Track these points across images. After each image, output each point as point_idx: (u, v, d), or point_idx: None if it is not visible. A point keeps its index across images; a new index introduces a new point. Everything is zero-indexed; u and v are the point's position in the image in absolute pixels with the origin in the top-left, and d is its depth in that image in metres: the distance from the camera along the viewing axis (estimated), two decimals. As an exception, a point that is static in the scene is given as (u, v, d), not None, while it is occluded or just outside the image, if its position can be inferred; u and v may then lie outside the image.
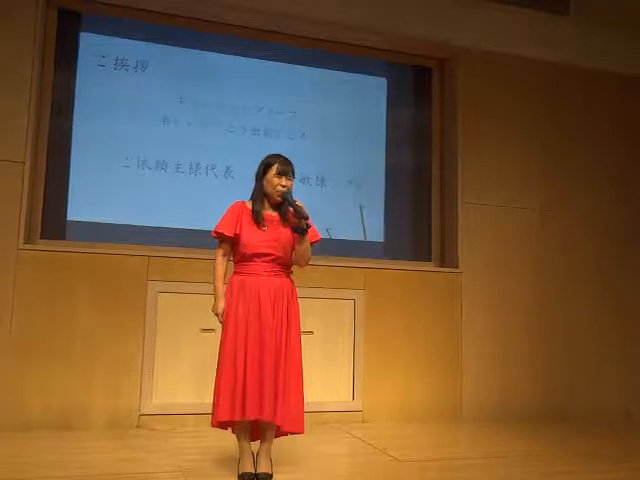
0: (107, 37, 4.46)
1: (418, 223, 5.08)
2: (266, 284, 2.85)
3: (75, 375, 3.87)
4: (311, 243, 2.95)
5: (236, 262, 2.96)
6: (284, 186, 2.88)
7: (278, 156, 2.95)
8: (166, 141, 4.50)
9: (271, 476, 2.83)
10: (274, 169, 2.90)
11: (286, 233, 2.91)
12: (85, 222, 4.27)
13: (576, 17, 5.22)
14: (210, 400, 2.86)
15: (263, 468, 2.83)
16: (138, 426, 3.93)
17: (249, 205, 2.94)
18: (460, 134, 4.91)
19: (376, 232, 4.97)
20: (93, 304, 3.96)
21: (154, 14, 4.50)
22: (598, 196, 5.19)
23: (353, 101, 4.98)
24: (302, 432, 2.85)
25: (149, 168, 4.45)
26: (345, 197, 4.89)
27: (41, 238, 4.14)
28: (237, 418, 2.74)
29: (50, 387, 3.83)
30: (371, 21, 4.75)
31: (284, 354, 2.81)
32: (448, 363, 4.65)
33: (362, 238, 4.91)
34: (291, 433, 2.87)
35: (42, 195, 4.18)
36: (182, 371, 4.06)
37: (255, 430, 2.90)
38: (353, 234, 4.88)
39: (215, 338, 4.11)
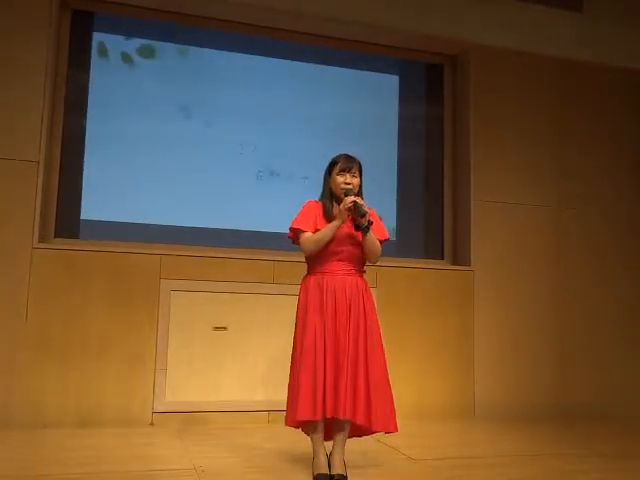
0: (120, 36, 4.48)
1: (430, 221, 5.07)
2: (342, 283, 2.83)
3: (89, 373, 3.90)
4: (380, 242, 2.92)
5: (310, 262, 2.93)
6: (348, 183, 2.85)
7: (343, 154, 2.93)
8: (179, 139, 4.51)
9: (346, 477, 2.77)
10: (337, 167, 2.88)
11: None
12: (98, 221, 4.30)
13: (589, 14, 5.17)
14: (224, 398, 2.87)
15: (338, 469, 2.78)
16: (152, 423, 3.95)
17: (321, 204, 2.92)
18: (472, 131, 4.88)
19: (388, 230, 4.93)
20: (107, 303, 3.99)
21: (167, 13, 4.51)
22: (616, 190, 5.15)
23: (365, 98, 4.97)
24: (396, 430, 2.81)
25: (162, 166, 4.46)
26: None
27: (55, 237, 4.17)
28: (318, 417, 2.70)
29: (65, 385, 3.86)
30: (382, 18, 4.73)
31: (363, 353, 2.76)
32: (461, 361, 4.64)
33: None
34: (386, 432, 2.82)
35: (56, 194, 4.21)
36: (195, 369, 4.08)
37: (327, 431, 2.86)
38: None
39: (227, 336, 4.16)
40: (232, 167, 4.61)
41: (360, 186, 2.95)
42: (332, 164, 2.93)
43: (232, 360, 4.14)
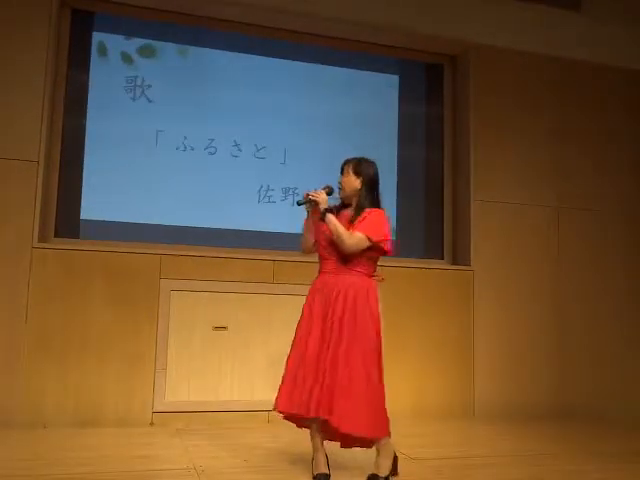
0: (120, 36, 4.48)
1: (430, 221, 5.07)
2: (337, 282, 2.84)
3: (89, 373, 3.90)
4: (378, 242, 2.84)
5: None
6: (340, 183, 2.99)
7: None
8: (179, 139, 4.51)
9: (329, 476, 2.81)
10: None
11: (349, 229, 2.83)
12: (98, 221, 4.29)
13: (587, 13, 5.17)
14: (223, 398, 2.87)
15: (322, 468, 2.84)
16: (151, 423, 3.95)
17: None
18: (472, 131, 4.89)
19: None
20: (107, 302, 3.99)
21: (167, 13, 4.51)
22: (616, 190, 5.15)
23: (365, 98, 4.97)
24: (363, 434, 2.76)
25: (162, 166, 4.46)
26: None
27: (55, 236, 4.17)
28: (294, 411, 2.76)
29: (64, 385, 3.86)
30: (382, 18, 4.73)
31: (344, 355, 2.72)
32: (461, 361, 4.64)
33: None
34: (352, 434, 2.76)
35: (56, 194, 4.21)
36: (195, 369, 4.08)
37: (329, 431, 2.85)
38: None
39: (227, 336, 4.17)
40: (231, 166, 4.60)
41: (362, 183, 2.95)
42: None
43: (232, 360, 4.14)
